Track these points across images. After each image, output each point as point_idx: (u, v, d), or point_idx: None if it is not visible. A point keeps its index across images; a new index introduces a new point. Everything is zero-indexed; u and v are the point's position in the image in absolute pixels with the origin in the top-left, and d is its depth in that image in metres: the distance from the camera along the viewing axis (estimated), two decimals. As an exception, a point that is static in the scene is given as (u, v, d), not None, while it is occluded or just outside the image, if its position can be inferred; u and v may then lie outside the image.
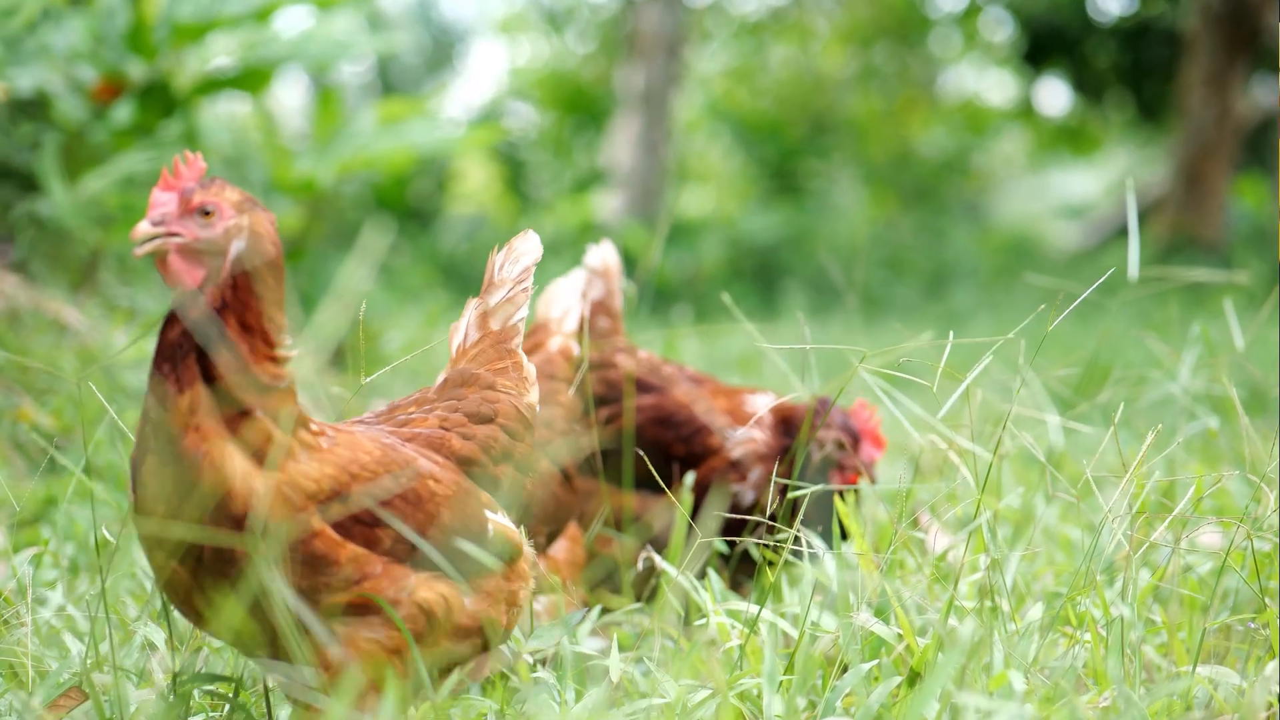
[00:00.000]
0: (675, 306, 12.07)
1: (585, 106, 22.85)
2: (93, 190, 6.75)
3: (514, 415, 3.27)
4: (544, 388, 3.90)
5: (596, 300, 4.38)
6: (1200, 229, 18.83)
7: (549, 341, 4.09)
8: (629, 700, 3.13)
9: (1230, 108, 19.05)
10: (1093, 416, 5.19)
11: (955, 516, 4.22)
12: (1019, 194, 36.03)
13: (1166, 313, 11.33)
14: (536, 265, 3.49)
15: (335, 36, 7.59)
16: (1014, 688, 2.72)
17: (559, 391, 3.97)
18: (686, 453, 4.11)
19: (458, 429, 3.15)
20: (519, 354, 3.42)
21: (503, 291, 3.46)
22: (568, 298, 4.14)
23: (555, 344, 4.09)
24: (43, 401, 5.44)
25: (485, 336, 3.42)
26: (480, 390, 3.29)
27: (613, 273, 4.38)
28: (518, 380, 3.37)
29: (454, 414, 3.20)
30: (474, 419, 3.20)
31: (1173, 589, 3.72)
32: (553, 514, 3.87)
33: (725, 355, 9.77)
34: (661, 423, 4.15)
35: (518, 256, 3.52)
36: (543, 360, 4.02)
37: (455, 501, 2.94)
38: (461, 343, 3.45)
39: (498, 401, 3.26)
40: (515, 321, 3.44)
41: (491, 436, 3.18)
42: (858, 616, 3.04)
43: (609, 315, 4.38)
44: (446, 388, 3.30)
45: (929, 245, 20.10)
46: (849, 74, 28.15)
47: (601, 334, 4.35)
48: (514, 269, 3.51)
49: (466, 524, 2.94)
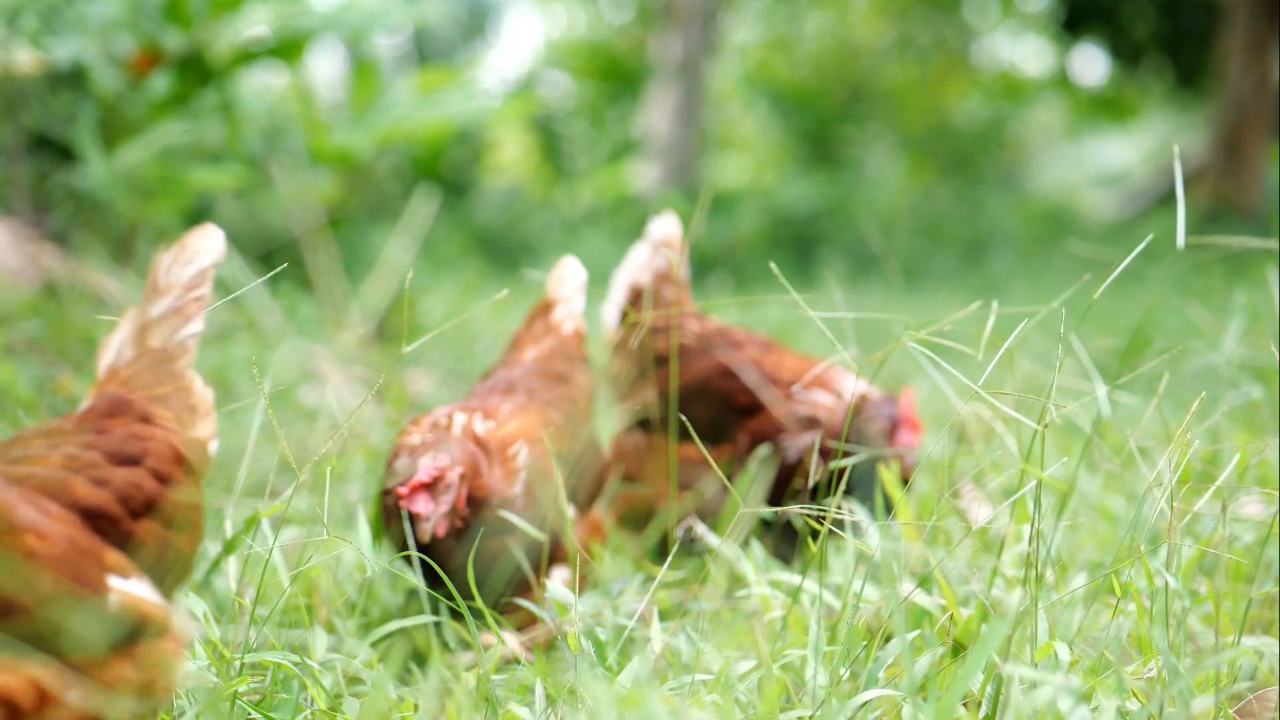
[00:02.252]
0: (712, 276, 12.06)
1: (621, 76, 22.81)
2: (130, 161, 6.76)
3: (169, 456, 2.69)
4: (560, 368, 3.90)
5: (661, 270, 4.41)
6: (1239, 197, 18.72)
7: (563, 325, 4.03)
8: (672, 672, 3.12)
9: (1269, 75, 18.92)
10: (1135, 386, 5.16)
11: (999, 487, 4.20)
12: (1056, 162, 35.88)
13: (1206, 281, 11.28)
14: (216, 269, 2.95)
15: (371, 6, 7.59)
16: (1059, 658, 2.71)
17: (578, 372, 3.94)
18: (749, 403, 4.14)
19: (88, 471, 2.55)
20: (188, 377, 2.89)
21: (168, 300, 2.87)
22: (577, 276, 4.10)
23: (569, 327, 4.03)
24: (81, 372, 5.45)
25: (144, 355, 2.85)
26: (130, 423, 2.71)
27: (676, 243, 4.41)
28: (183, 411, 2.82)
29: (88, 451, 2.60)
30: (114, 459, 2.61)
31: (1218, 558, 3.70)
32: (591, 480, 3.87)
33: (763, 325, 9.75)
34: (727, 375, 4.18)
35: (191, 256, 2.92)
36: (555, 343, 3.98)
37: (64, 563, 2.32)
38: (113, 362, 2.87)
39: (150, 439, 2.69)
40: (185, 338, 2.89)
41: (133, 483, 2.59)
42: (901, 587, 3.02)
43: (674, 284, 4.42)
44: (89, 418, 2.72)
45: (966, 214, 20.02)
46: (885, 43, 28.06)
47: (667, 303, 4.38)
48: (185, 272, 2.90)
49: (78, 592, 2.33)
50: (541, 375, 3.87)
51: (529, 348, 4.00)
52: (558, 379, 3.88)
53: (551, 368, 3.91)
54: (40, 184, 6.95)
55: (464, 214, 16.51)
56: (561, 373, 3.90)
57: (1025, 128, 31.13)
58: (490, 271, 12.68)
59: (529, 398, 3.76)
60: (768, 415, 4.13)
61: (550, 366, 3.91)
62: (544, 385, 3.84)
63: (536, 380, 3.84)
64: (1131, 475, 4.55)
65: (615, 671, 2.96)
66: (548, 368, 3.91)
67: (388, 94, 8.79)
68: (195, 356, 2.85)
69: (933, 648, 2.91)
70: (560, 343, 3.99)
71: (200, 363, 5.62)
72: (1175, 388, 5.44)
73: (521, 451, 3.52)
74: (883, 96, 26.85)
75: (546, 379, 3.87)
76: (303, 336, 6.52)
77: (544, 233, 15.79)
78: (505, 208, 17.41)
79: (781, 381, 4.17)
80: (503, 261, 14.24)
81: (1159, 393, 3.91)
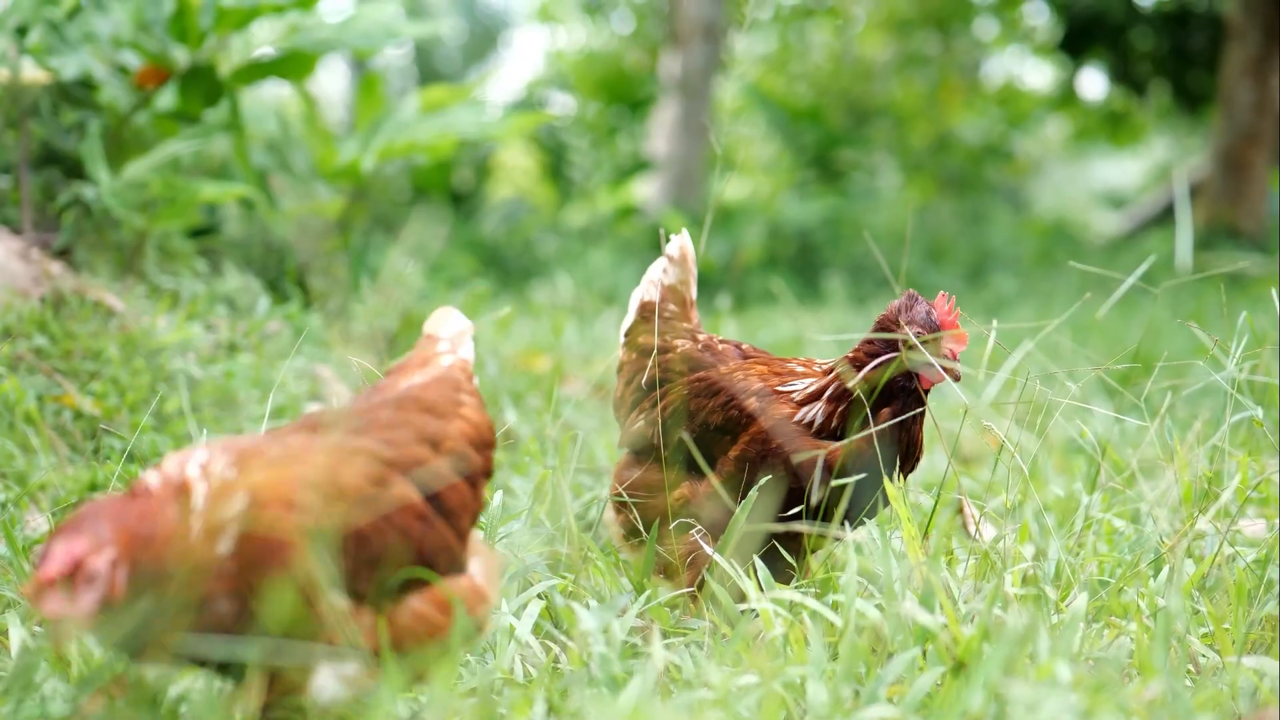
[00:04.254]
0: (716, 293, 12.07)
1: (627, 94, 22.83)
2: (136, 176, 6.79)
3: None
4: (447, 396, 3.15)
5: (668, 285, 4.34)
6: (1240, 218, 18.72)
7: (441, 357, 3.29)
8: (674, 688, 3.13)
9: (1271, 96, 18.92)
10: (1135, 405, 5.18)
11: (1001, 506, 4.21)
12: (1059, 180, 35.91)
13: (1203, 302, 11.31)
14: None
15: (379, 22, 7.61)
16: (1060, 678, 2.72)
17: (463, 404, 3.18)
18: (723, 420, 4.02)
19: None
20: None
21: None
22: (458, 323, 3.42)
23: (448, 360, 3.28)
24: (86, 387, 5.46)
25: None
26: None
27: (689, 260, 4.35)
28: None
29: None
30: None
31: (1218, 577, 3.71)
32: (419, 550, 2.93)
33: (766, 341, 9.76)
34: (700, 394, 4.08)
35: None
36: (444, 369, 3.25)
37: None
38: None
39: None
40: None
41: None
42: (903, 605, 3.03)
43: (678, 301, 4.34)
44: None
45: (970, 232, 20.05)
46: (889, 61, 28.08)
47: (668, 319, 4.31)
48: None
49: None
50: (403, 408, 3.09)
51: (409, 376, 3.27)
52: (429, 412, 3.09)
53: (424, 399, 3.13)
54: (47, 198, 6.97)
55: (470, 230, 16.54)
56: (436, 405, 3.13)
57: (1031, 145, 31.14)
58: (497, 288, 12.71)
59: (344, 437, 2.94)
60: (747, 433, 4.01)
61: (424, 397, 3.14)
62: (393, 421, 3.04)
63: (390, 412, 3.07)
64: (1134, 495, 4.57)
65: (619, 688, 2.97)
66: (418, 399, 3.13)
67: (395, 110, 8.82)
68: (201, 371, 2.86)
69: (934, 666, 2.92)
70: (447, 369, 3.29)
71: (204, 378, 5.65)
72: (1176, 407, 5.46)
73: (234, 507, 2.70)
74: (886, 113, 26.87)
75: (406, 413, 3.08)
76: (308, 352, 6.55)
77: (550, 249, 15.81)
78: (513, 224, 17.44)
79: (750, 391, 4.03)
80: (508, 277, 14.27)
81: (1161, 412, 3.93)
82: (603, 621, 3.16)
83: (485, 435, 3.14)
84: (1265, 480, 4.32)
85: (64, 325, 5.74)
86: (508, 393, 6.81)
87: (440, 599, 2.89)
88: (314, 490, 2.73)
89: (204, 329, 6.31)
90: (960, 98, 28.08)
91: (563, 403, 6.47)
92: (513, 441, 5.99)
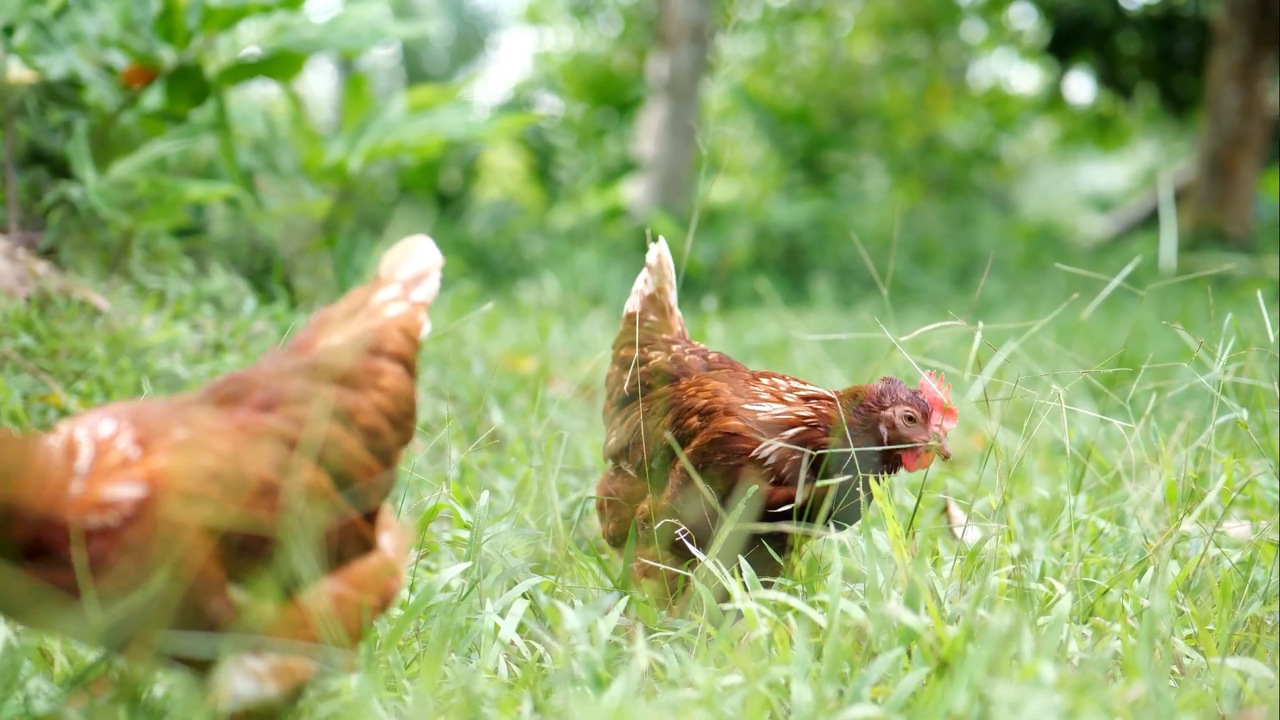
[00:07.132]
0: (703, 295, 12.07)
1: (615, 96, 22.81)
2: (123, 175, 6.78)
3: None
4: (365, 365, 2.91)
5: (648, 295, 4.31)
6: (1226, 221, 18.73)
7: (384, 307, 3.01)
8: (659, 687, 3.13)
9: (1258, 100, 18.95)
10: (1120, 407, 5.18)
11: (986, 506, 4.21)
12: (1046, 183, 35.96)
13: (1189, 304, 11.33)
14: None
15: (366, 22, 7.60)
16: (1044, 678, 2.72)
17: (382, 374, 2.93)
18: (678, 435, 3.96)
19: None
20: None
21: None
22: (429, 258, 3.17)
23: (393, 310, 3.01)
24: (72, 387, 5.46)
25: None
26: None
27: (666, 267, 4.32)
28: None
29: None
30: None
31: (1203, 579, 3.72)
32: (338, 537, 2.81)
33: (752, 343, 9.76)
34: (656, 412, 4.04)
35: None
36: (371, 330, 2.96)
37: None
38: None
39: None
40: None
41: None
42: (887, 605, 3.03)
43: (658, 310, 4.32)
44: None
45: (957, 235, 20.07)
46: (877, 63, 28.10)
47: (648, 329, 4.29)
48: None
49: None
50: (315, 378, 2.87)
51: (331, 333, 2.99)
52: (343, 384, 2.88)
53: (338, 369, 2.89)
54: (33, 197, 6.96)
55: (457, 231, 16.50)
56: (352, 376, 2.90)
57: (1017, 148, 31.17)
58: (484, 288, 12.69)
59: (250, 415, 2.76)
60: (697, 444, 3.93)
61: (338, 366, 2.89)
62: (304, 395, 2.83)
63: (301, 383, 2.85)
64: (1118, 496, 4.58)
65: (602, 687, 2.97)
66: (332, 368, 2.89)
67: (382, 110, 8.80)
68: (188, 371, 2.83)
69: (918, 666, 2.92)
70: (374, 331, 2.97)
71: (190, 377, 5.64)
72: (1161, 408, 5.47)
73: (131, 492, 2.53)
74: (874, 115, 26.88)
75: (317, 384, 2.86)
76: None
77: (538, 250, 15.79)
78: (500, 225, 17.42)
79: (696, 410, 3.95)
80: (496, 278, 14.25)
81: (1146, 414, 3.93)
82: (587, 620, 3.16)
83: (405, 407, 2.95)
84: (1250, 482, 4.33)
85: (50, 325, 5.73)
86: (494, 393, 6.80)
87: (356, 578, 2.80)
88: (216, 483, 2.58)
89: (190, 329, 6.29)
90: (948, 100, 28.11)
91: (548, 403, 6.46)
92: (499, 442, 5.99)
